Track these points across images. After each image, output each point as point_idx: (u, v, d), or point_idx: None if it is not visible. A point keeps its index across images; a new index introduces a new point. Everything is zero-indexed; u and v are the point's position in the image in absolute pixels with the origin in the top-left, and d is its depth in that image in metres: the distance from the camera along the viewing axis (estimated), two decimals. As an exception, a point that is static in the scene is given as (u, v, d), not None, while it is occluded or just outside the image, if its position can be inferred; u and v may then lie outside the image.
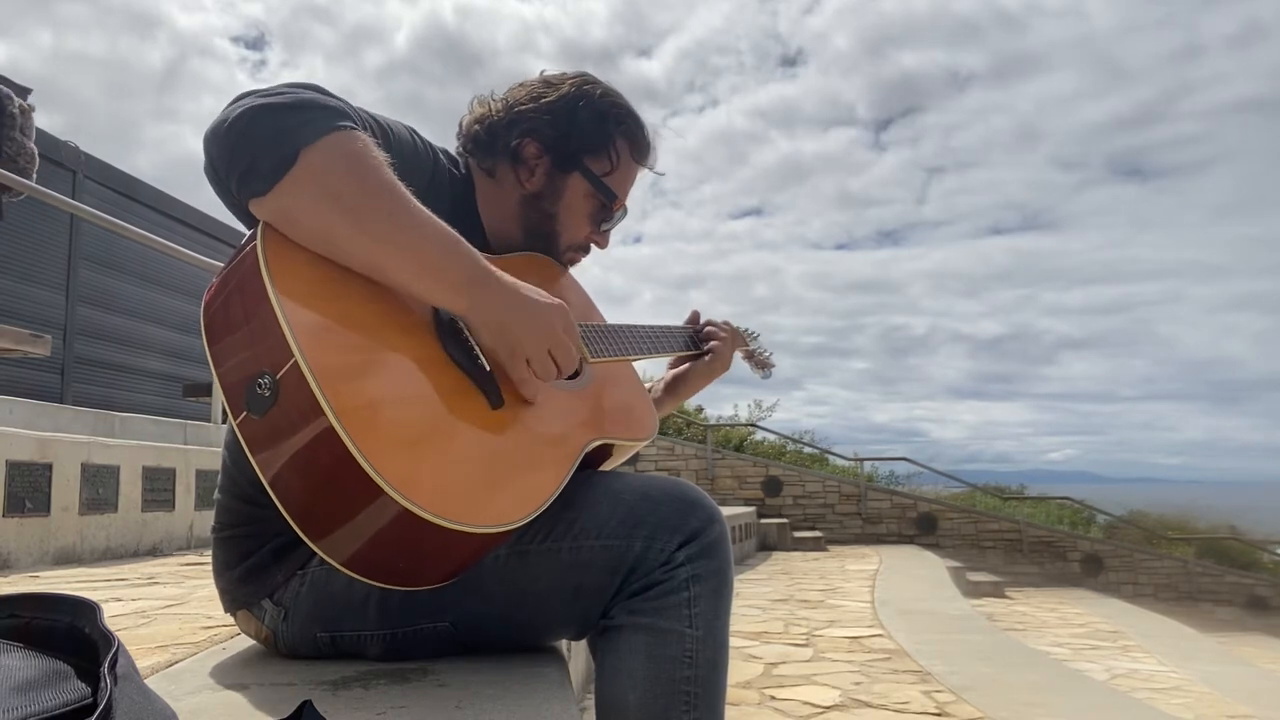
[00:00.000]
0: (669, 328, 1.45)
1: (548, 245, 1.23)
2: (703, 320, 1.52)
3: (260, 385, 0.80)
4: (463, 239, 0.93)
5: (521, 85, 1.22)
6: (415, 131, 1.10)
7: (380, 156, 0.89)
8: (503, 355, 0.96)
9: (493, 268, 0.95)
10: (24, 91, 4.05)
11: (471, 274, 0.93)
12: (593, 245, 1.27)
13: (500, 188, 1.20)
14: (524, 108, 1.18)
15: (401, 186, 0.89)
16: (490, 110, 1.21)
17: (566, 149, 1.18)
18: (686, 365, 1.50)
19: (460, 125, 1.23)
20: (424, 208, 0.91)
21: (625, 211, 1.26)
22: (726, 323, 1.53)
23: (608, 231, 1.26)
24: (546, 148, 1.18)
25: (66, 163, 7.79)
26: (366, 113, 0.98)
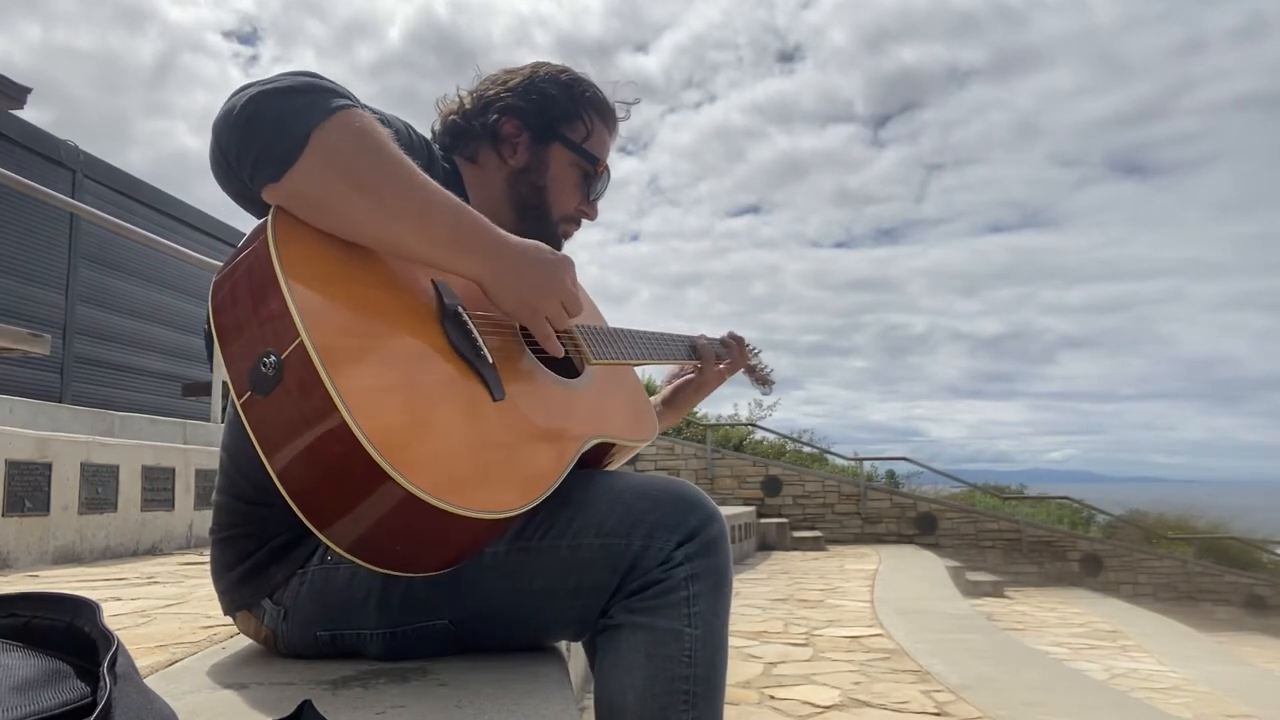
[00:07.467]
0: (673, 336, 1.46)
1: (541, 219, 1.25)
2: (706, 339, 1.54)
3: (265, 364, 0.81)
4: (469, 206, 0.96)
5: (481, 80, 1.27)
6: (410, 126, 1.13)
7: (385, 132, 0.92)
8: (525, 315, 1.00)
9: (501, 231, 0.99)
10: (23, 91, 4.04)
11: (487, 239, 0.96)
12: (583, 218, 1.30)
13: (485, 171, 1.24)
14: (491, 93, 1.24)
15: (409, 160, 0.92)
16: (461, 104, 1.26)
17: (542, 121, 1.23)
18: (682, 379, 1.55)
19: (432, 130, 1.27)
20: (430, 179, 0.93)
21: (609, 175, 1.30)
22: (734, 336, 1.57)
23: (595, 201, 1.29)
24: (524, 124, 1.23)
25: (66, 162, 7.78)
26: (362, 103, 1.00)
